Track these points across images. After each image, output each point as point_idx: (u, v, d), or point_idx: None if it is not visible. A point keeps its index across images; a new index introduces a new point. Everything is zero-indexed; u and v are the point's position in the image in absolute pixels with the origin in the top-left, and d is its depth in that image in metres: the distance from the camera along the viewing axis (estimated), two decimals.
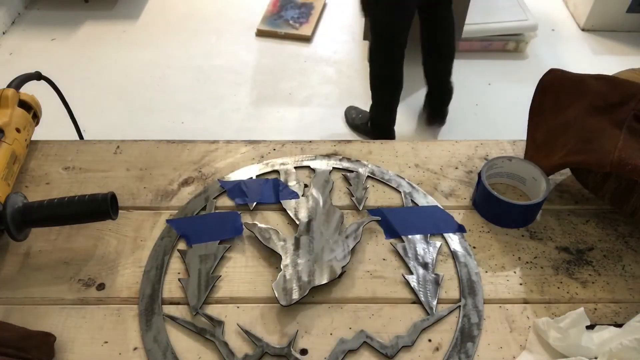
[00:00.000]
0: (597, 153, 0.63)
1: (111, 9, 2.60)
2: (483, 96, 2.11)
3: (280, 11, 2.53)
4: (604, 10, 2.38)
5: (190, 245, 0.63)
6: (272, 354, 0.54)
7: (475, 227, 0.66)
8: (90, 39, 2.42)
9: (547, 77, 0.71)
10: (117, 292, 0.59)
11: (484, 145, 0.76)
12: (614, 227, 0.66)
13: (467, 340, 0.55)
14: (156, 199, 0.69)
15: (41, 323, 0.56)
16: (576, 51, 2.35)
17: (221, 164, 0.73)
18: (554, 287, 0.60)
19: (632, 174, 0.59)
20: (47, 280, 0.60)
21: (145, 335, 0.55)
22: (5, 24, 2.46)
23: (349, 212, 0.67)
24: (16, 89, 0.72)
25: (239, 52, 2.35)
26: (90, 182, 0.71)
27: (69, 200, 0.59)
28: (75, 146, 0.76)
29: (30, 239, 0.63)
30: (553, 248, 0.64)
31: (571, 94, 0.69)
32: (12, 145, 0.67)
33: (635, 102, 0.66)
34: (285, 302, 0.56)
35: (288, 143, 0.76)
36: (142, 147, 0.76)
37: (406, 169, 0.73)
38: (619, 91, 0.67)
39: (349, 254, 0.60)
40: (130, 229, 0.65)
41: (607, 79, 0.70)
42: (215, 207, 0.67)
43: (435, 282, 0.59)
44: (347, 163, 0.73)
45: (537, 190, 0.66)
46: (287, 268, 0.59)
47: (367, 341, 0.54)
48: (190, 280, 0.59)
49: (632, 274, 0.61)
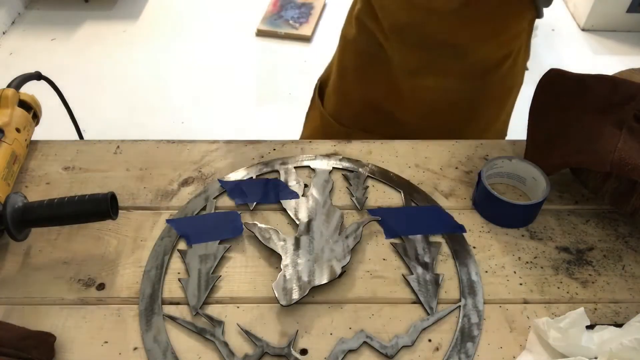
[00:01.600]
0: (597, 153, 0.63)
1: (111, 9, 2.60)
2: None
3: (280, 11, 2.53)
4: (604, 10, 2.38)
5: (190, 245, 0.63)
6: (272, 354, 0.54)
7: (475, 227, 0.66)
8: (90, 39, 2.42)
9: (546, 77, 0.71)
10: (117, 292, 0.59)
11: (484, 145, 0.76)
12: (614, 227, 0.66)
13: (467, 340, 0.55)
14: (156, 199, 0.69)
15: (41, 323, 0.56)
16: (576, 51, 2.36)
17: (221, 164, 0.73)
18: (554, 287, 0.60)
19: (632, 174, 0.59)
20: (47, 280, 0.60)
21: (145, 335, 0.55)
22: (5, 24, 2.46)
23: (349, 212, 0.67)
24: (16, 89, 0.72)
25: (239, 51, 2.35)
26: (90, 182, 0.71)
27: (69, 200, 0.59)
28: (75, 146, 0.76)
29: (30, 239, 0.63)
30: (553, 248, 0.64)
31: (571, 94, 0.69)
32: (12, 145, 0.67)
33: (636, 102, 0.66)
34: (285, 302, 0.56)
35: (288, 143, 0.76)
36: (142, 147, 0.76)
37: (406, 169, 0.73)
38: (619, 91, 0.67)
39: (349, 254, 0.60)
40: (130, 229, 0.65)
41: (607, 79, 0.70)
42: (215, 207, 0.67)
43: (435, 282, 0.59)
44: (347, 163, 0.73)
45: (537, 190, 0.66)
46: (287, 268, 0.59)
47: (367, 341, 0.54)
48: (190, 280, 0.59)
49: (632, 274, 0.61)
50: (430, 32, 0.78)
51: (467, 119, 0.88)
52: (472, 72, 0.83)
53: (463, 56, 0.80)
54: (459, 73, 0.83)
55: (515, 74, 0.87)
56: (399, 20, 0.79)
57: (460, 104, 0.87)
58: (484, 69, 0.82)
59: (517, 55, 0.83)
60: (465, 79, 0.83)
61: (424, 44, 0.80)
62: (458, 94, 0.85)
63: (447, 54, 0.80)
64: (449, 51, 0.80)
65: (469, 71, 0.82)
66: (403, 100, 0.87)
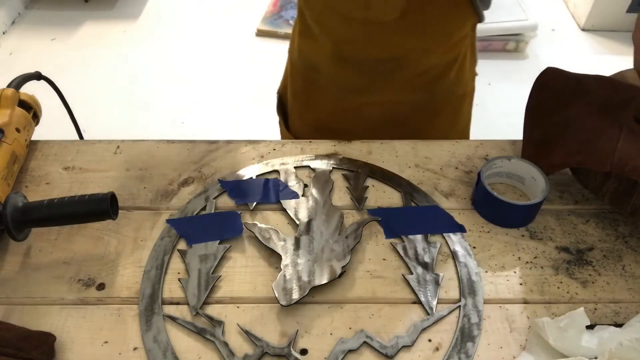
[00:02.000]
0: (597, 153, 0.63)
1: (111, 8, 2.60)
2: (483, 96, 2.11)
3: (280, 11, 2.53)
4: (604, 10, 2.38)
5: (190, 245, 0.63)
6: (272, 354, 0.54)
7: (475, 227, 0.66)
8: (90, 39, 2.42)
9: (544, 76, 0.71)
10: (117, 292, 0.59)
11: (484, 145, 0.76)
12: (614, 227, 0.66)
13: (467, 340, 0.55)
14: (156, 199, 0.69)
15: (41, 323, 0.56)
16: (576, 51, 2.36)
17: (221, 164, 0.73)
18: (554, 287, 0.60)
19: (632, 174, 0.59)
20: (47, 280, 0.60)
21: (145, 335, 0.55)
22: (5, 24, 2.46)
23: (349, 212, 0.67)
24: (16, 89, 0.72)
25: (239, 51, 2.35)
26: (90, 182, 0.71)
27: (69, 200, 0.59)
28: (75, 146, 0.76)
29: (30, 239, 0.63)
30: (553, 248, 0.64)
31: (570, 93, 0.70)
32: (12, 145, 0.67)
33: (636, 103, 0.66)
34: (285, 302, 0.56)
35: (288, 143, 0.76)
36: (142, 147, 0.76)
37: (406, 169, 0.73)
38: (619, 92, 0.67)
39: (349, 254, 0.61)
40: (130, 229, 0.65)
41: (606, 80, 0.70)
42: (215, 207, 0.67)
43: (435, 282, 0.59)
44: (347, 163, 0.73)
45: (536, 190, 0.66)
46: (287, 268, 0.59)
47: (367, 341, 0.54)
48: (190, 280, 0.59)
49: (632, 274, 0.61)
50: (372, 46, 0.77)
51: (420, 130, 0.87)
52: (419, 82, 0.82)
53: (407, 67, 0.79)
54: (406, 85, 0.82)
55: (464, 80, 0.85)
56: (339, 37, 0.78)
57: (412, 115, 0.85)
58: (431, 78, 0.81)
59: (464, 60, 0.82)
60: (413, 90, 0.82)
61: (366, 60, 0.79)
62: (408, 105, 0.84)
63: (390, 68, 0.79)
64: (392, 64, 0.79)
65: (415, 82, 0.81)
66: (352, 119, 0.86)
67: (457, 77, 0.83)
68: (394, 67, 0.79)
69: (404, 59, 0.78)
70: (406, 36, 0.75)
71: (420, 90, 0.83)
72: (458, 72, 0.83)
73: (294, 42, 0.89)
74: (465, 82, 0.86)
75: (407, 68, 0.80)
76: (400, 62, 0.79)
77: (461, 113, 0.90)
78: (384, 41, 0.76)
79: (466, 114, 0.92)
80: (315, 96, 0.88)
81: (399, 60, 0.79)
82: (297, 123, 0.96)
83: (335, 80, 0.83)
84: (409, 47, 0.77)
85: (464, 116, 0.92)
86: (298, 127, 0.96)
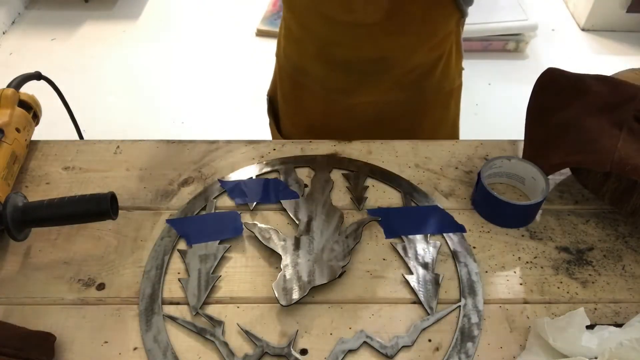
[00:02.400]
0: (597, 153, 0.63)
1: (111, 9, 2.60)
2: (483, 96, 2.11)
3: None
4: (604, 10, 2.38)
5: (190, 245, 0.63)
6: (272, 354, 0.54)
7: (475, 227, 0.66)
8: (90, 39, 2.42)
9: (544, 76, 0.71)
10: (117, 292, 0.59)
11: (484, 145, 0.76)
12: (614, 227, 0.66)
13: (467, 340, 0.55)
14: (156, 199, 0.69)
15: (41, 323, 0.56)
16: (576, 51, 2.35)
17: (221, 164, 0.73)
18: (554, 287, 0.60)
19: (632, 174, 0.59)
20: (47, 280, 0.60)
21: (145, 335, 0.55)
22: (5, 24, 2.46)
23: (349, 212, 0.67)
24: (16, 88, 0.72)
25: (239, 51, 2.35)
26: (90, 182, 0.71)
27: (69, 200, 0.59)
28: (75, 146, 0.76)
29: (30, 239, 0.63)
30: (553, 248, 0.64)
31: (570, 93, 0.70)
32: (12, 145, 0.67)
33: (635, 102, 0.66)
34: (285, 302, 0.56)
35: (288, 143, 0.76)
36: (142, 147, 0.76)
37: (406, 169, 0.73)
38: (619, 92, 0.67)
39: (349, 254, 0.61)
40: (130, 229, 0.65)
41: (606, 79, 0.70)
42: (215, 207, 0.67)
43: (435, 282, 0.59)
44: (347, 163, 0.73)
45: (536, 190, 0.66)
46: (287, 268, 0.59)
47: (367, 341, 0.54)
48: (190, 280, 0.59)
49: (632, 274, 0.61)
50: (357, 47, 0.77)
51: (411, 127, 0.87)
52: (406, 81, 0.82)
53: (394, 67, 0.80)
54: (394, 84, 0.82)
55: (450, 75, 0.86)
56: (325, 39, 0.78)
57: (402, 114, 0.86)
58: (418, 76, 0.82)
59: (449, 56, 0.83)
60: (402, 89, 0.83)
61: (353, 62, 0.79)
62: (397, 104, 0.84)
63: (377, 68, 0.80)
64: (379, 65, 0.79)
65: (403, 81, 0.82)
66: (343, 120, 0.86)
67: (443, 73, 0.84)
68: (381, 67, 0.80)
69: (390, 59, 0.79)
70: (391, 37, 0.76)
71: (409, 88, 0.83)
72: (444, 69, 0.83)
73: (280, 45, 0.89)
74: (452, 78, 0.86)
75: (394, 68, 0.80)
76: (386, 62, 0.79)
77: (450, 108, 0.91)
78: (369, 42, 0.77)
79: (455, 109, 0.93)
80: (305, 98, 0.88)
81: (386, 60, 0.79)
82: (288, 125, 0.96)
83: (323, 82, 0.84)
84: (395, 47, 0.77)
85: (452, 111, 0.92)
86: (289, 129, 0.96)
